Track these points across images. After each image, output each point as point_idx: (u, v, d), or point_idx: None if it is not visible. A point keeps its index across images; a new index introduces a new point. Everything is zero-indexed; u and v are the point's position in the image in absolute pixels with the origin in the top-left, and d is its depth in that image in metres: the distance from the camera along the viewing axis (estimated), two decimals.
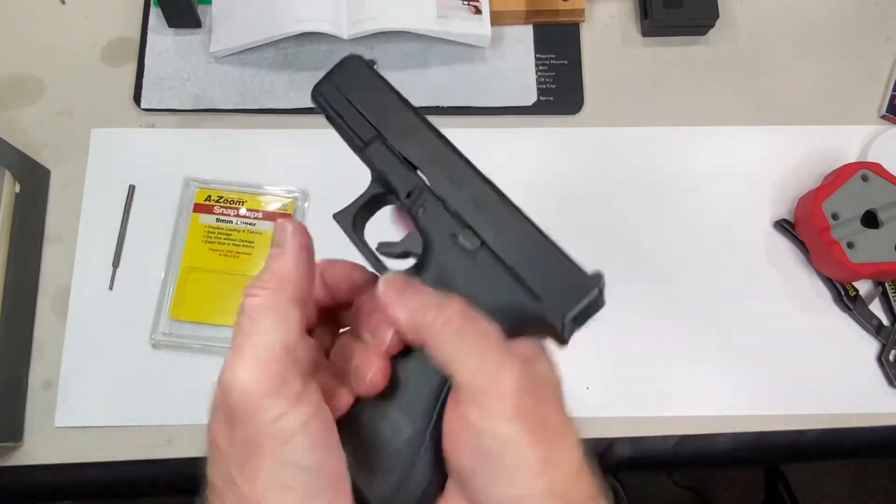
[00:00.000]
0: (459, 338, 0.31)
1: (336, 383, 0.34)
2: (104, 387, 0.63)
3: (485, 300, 0.34)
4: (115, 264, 0.66)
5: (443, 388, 0.33)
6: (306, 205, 0.67)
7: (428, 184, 0.37)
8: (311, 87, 0.39)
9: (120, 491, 0.63)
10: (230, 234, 0.66)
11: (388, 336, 0.33)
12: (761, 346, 0.66)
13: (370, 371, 0.33)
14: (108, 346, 0.64)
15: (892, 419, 0.65)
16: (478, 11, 0.70)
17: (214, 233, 0.66)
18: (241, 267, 0.65)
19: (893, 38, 0.75)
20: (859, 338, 0.66)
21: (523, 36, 0.73)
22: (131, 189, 0.68)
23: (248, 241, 0.66)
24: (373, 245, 0.39)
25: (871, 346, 0.66)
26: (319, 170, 0.68)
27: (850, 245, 0.63)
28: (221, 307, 0.64)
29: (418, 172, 0.37)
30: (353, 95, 0.39)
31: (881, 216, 0.64)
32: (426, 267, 0.36)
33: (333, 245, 0.72)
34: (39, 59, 0.71)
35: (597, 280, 0.33)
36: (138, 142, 0.69)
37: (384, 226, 0.40)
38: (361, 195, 0.40)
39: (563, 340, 0.33)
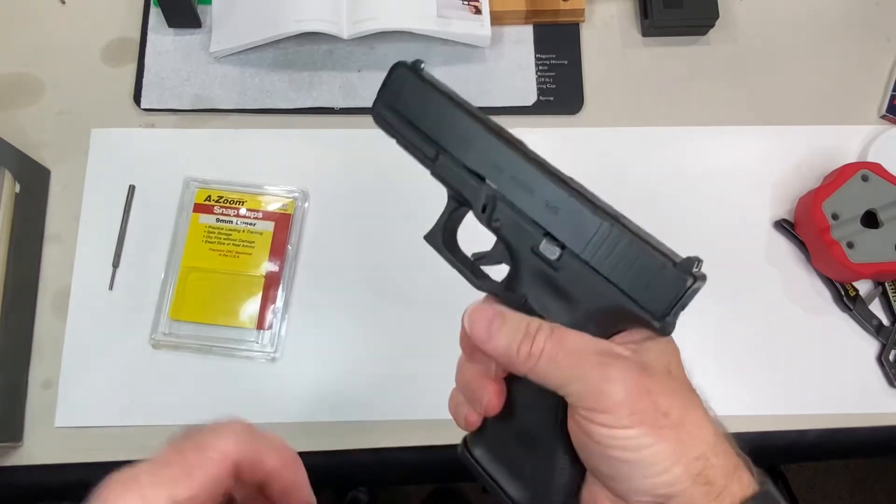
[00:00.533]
0: (556, 366, 0.32)
1: (463, 404, 0.37)
2: (104, 387, 0.63)
3: (577, 307, 0.33)
4: (115, 264, 0.66)
5: (559, 400, 0.34)
6: (306, 205, 0.67)
7: (499, 194, 0.35)
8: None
9: None
10: (230, 234, 0.66)
11: (493, 365, 0.35)
12: (761, 347, 0.66)
13: (485, 395, 0.35)
14: (108, 346, 0.64)
15: (892, 419, 0.65)
16: (478, 11, 0.70)
17: (214, 233, 0.66)
18: (241, 267, 0.65)
19: (893, 38, 0.75)
20: (859, 338, 0.66)
21: (523, 36, 0.73)
22: (131, 189, 0.68)
23: (248, 241, 0.66)
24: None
25: (871, 346, 0.66)
26: (319, 170, 0.68)
27: (850, 245, 0.63)
28: (221, 307, 0.64)
29: (487, 182, 0.35)
30: (407, 110, 0.37)
31: (881, 216, 0.64)
32: (517, 279, 0.35)
33: (333, 244, 0.72)
34: (39, 59, 0.71)
35: (688, 266, 0.32)
36: (138, 142, 0.69)
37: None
38: (442, 213, 0.38)
39: (664, 334, 0.33)
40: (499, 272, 0.38)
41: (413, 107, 0.37)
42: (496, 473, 0.35)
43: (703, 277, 0.32)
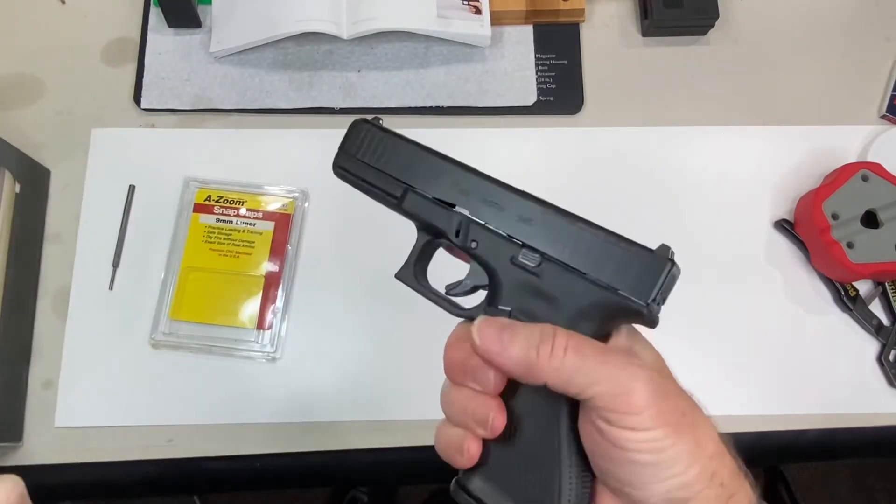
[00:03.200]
0: (582, 365, 0.31)
1: (461, 435, 0.34)
2: (104, 387, 0.63)
3: (565, 309, 0.34)
4: (115, 264, 0.66)
5: (561, 410, 0.34)
6: (306, 205, 0.67)
7: (471, 217, 0.37)
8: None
9: (120, 491, 0.63)
10: (230, 234, 0.66)
11: (490, 377, 0.33)
12: (761, 346, 0.66)
13: (489, 413, 0.33)
14: (108, 346, 0.64)
15: (892, 419, 0.65)
16: (478, 11, 0.70)
17: (214, 233, 0.66)
18: (241, 267, 0.65)
19: (893, 38, 0.75)
20: (859, 338, 0.66)
21: (523, 36, 0.73)
22: (131, 189, 0.68)
23: (248, 241, 0.66)
24: (438, 287, 0.40)
25: (871, 346, 0.66)
26: (319, 170, 0.68)
27: (850, 245, 0.63)
28: (221, 307, 0.64)
29: (457, 209, 0.38)
30: (371, 158, 0.40)
31: (881, 216, 0.64)
32: (499, 297, 0.36)
33: (333, 244, 0.72)
34: (39, 59, 0.71)
35: (665, 252, 0.34)
36: (138, 142, 0.69)
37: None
38: (413, 248, 0.40)
39: (652, 322, 0.34)
40: (471, 302, 0.39)
41: (377, 154, 0.40)
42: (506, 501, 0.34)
43: (678, 268, 0.34)
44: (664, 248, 0.34)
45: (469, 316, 0.38)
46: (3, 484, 0.32)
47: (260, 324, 0.64)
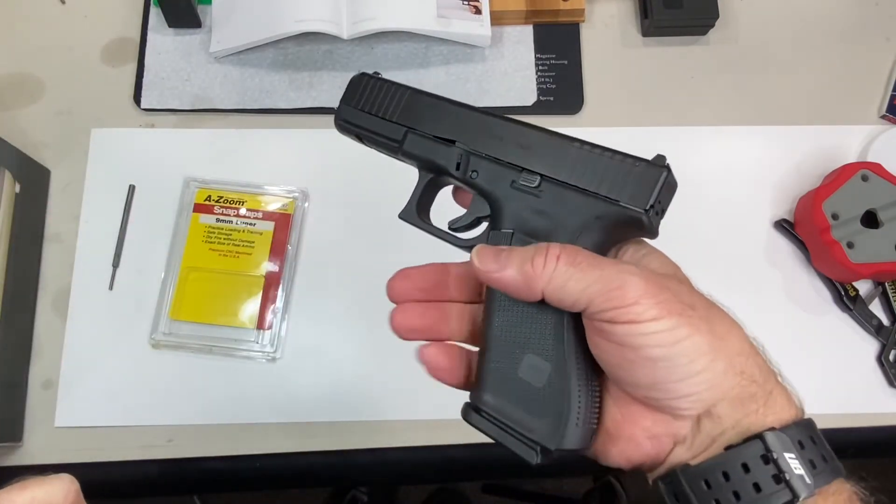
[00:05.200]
0: (575, 270, 0.31)
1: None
2: (104, 387, 0.63)
3: (567, 224, 0.36)
4: (115, 264, 0.66)
5: (565, 326, 0.35)
6: (306, 205, 0.67)
7: (470, 149, 0.39)
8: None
9: (120, 491, 0.63)
10: (230, 234, 0.66)
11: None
12: (761, 346, 0.66)
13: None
14: (108, 346, 0.64)
15: (892, 419, 0.64)
16: (478, 11, 0.70)
17: (214, 233, 0.66)
18: (241, 267, 0.65)
19: (893, 38, 0.75)
20: (859, 338, 0.66)
21: (523, 36, 0.73)
22: (131, 189, 0.68)
23: (248, 241, 0.66)
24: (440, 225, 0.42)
25: (871, 346, 0.66)
26: (319, 170, 0.68)
27: (850, 245, 0.63)
28: (221, 307, 0.64)
29: (457, 144, 0.39)
30: (371, 106, 0.42)
31: (881, 216, 0.64)
32: (500, 221, 0.38)
33: (333, 244, 0.72)
34: (39, 59, 0.71)
35: (660, 161, 0.36)
36: (138, 142, 0.69)
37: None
38: (416, 187, 0.42)
39: (652, 232, 0.35)
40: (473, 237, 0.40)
41: (377, 102, 0.42)
42: (511, 421, 0.35)
43: (675, 179, 0.36)
44: (659, 158, 0.36)
45: (471, 246, 0.39)
46: (61, 482, 0.32)
47: (260, 324, 0.64)
